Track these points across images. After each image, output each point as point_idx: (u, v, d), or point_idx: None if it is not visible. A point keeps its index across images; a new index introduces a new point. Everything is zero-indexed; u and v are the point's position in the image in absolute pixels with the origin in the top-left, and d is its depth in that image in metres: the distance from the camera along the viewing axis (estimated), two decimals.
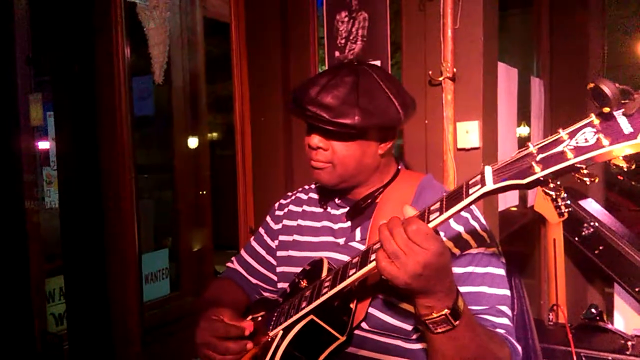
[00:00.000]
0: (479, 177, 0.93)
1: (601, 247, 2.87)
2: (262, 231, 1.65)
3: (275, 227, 1.60)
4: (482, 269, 1.26)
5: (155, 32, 3.09)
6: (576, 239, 2.97)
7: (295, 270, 1.42)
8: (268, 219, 1.66)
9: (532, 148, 0.86)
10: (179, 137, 3.93)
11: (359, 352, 1.28)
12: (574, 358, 2.35)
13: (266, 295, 1.62)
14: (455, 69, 2.01)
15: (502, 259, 1.31)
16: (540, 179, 0.84)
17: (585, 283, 3.46)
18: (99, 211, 2.77)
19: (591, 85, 0.77)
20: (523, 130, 3.19)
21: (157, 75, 3.18)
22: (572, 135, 0.82)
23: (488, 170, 0.92)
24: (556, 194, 0.82)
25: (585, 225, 2.92)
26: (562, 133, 0.83)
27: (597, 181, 0.76)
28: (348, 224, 1.43)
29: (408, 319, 1.25)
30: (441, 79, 2.03)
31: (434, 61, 2.06)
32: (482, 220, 1.34)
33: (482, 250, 1.28)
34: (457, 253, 1.26)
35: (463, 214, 1.30)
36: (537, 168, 0.83)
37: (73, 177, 2.82)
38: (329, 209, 1.49)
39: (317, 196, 1.55)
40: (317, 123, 1.29)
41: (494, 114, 2.15)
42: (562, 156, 0.81)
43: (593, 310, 2.57)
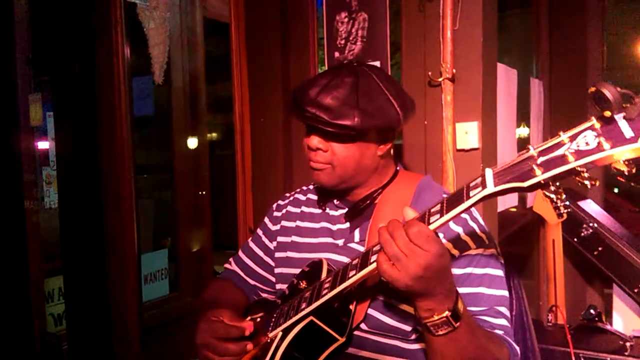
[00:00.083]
0: (479, 179, 0.93)
1: (600, 248, 2.88)
2: (260, 232, 1.65)
3: (274, 228, 1.60)
4: (481, 270, 1.26)
5: (155, 33, 3.09)
6: (575, 239, 2.97)
7: (293, 271, 1.42)
8: (266, 220, 1.65)
9: (533, 151, 0.86)
10: (179, 137, 3.92)
11: (358, 352, 1.28)
12: (573, 359, 2.36)
13: (264, 296, 1.62)
14: (454, 70, 2.01)
15: (500, 260, 1.31)
16: (541, 182, 0.84)
17: (584, 284, 3.46)
18: (98, 211, 2.77)
19: (592, 89, 0.77)
20: (522, 131, 3.19)
21: (157, 75, 3.18)
22: (573, 138, 0.82)
23: (489, 173, 0.92)
24: (557, 197, 0.82)
25: (584, 226, 2.92)
26: (563, 136, 0.83)
27: (598, 183, 0.76)
28: (347, 225, 1.42)
29: (407, 319, 1.25)
30: (440, 79, 2.02)
31: (433, 62, 2.06)
32: (481, 221, 1.34)
33: (480, 251, 1.28)
34: (456, 254, 1.26)
35: (462, 215, 1.29)
36: (538, 171, 0.83)
37: (73, 177, 2.82)
38: (328, 210, 1.48)
39: (316, 197, 1.54)
40: (317, 124, 1.28)
41: (493, 115, 2.15)
42: (563, 159, 0.81)
43: (592, 311, 2.58)
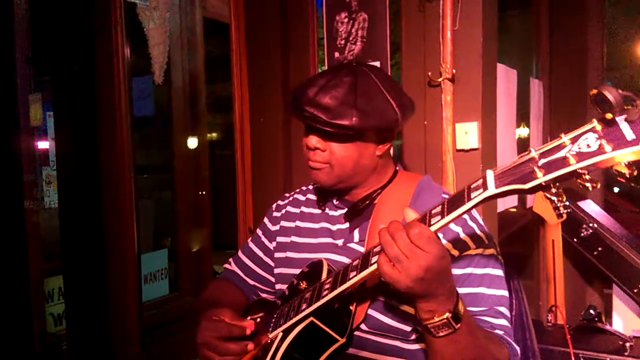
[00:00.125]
0: (480, 181, 0.93)
1: (600, 249, 2.88)
2: (259, 232, 1.64)
3: (273, 228, 1.59)
4: (481, 270, 1.26)
5: (155, 33, 3.09)
6: (575, 240, 2.97)
7: (293, 271, 1.42)
8: (265, 220, 1.65)
9: (534, 153, 0.86)
10: (179, 137, 3.92)
11: (358, 353, 1.28)
12: (573, 359, 2.36)
13: (264, 296, 1.61)
14: (454, 70, 2.01)
15: (500, 260, 1.31)
16: (543, 184, 0.84)
17: (584, 284, 3.46)
18: (98, 211, 2.77)
19: (594, 91, 0.76)
20: (522, 132, 3.19)
21: (157, 75, 3.18)
22: (574, 140, 0.82)
23: (490, 175, 0.91)
24: (558, 199, 0.82)
25: (584, 226, 2.93)
26: (565, 138, 0.83)
27: (599, 186, 0.76)
28: (346, 225, 1.42)
29: (407, 320, 1.25)
30: (440, 80, 2.02)
31: (433, 62, 2.06)
32: (481, 222, 1.34)
33: (480, 251, 1.28)
34: (456, 254, 1.26)
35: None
36: (539, 173, 0.83)
37: (72, 177, 2.82)
38: (327, 210, 1.48)
39: (315, 197, 1.54)
40: (315, 124, 1.28)
41: (493, 115, 2.15)
42: (564, 161, 0.81)
43: (592, 311, 2.58)
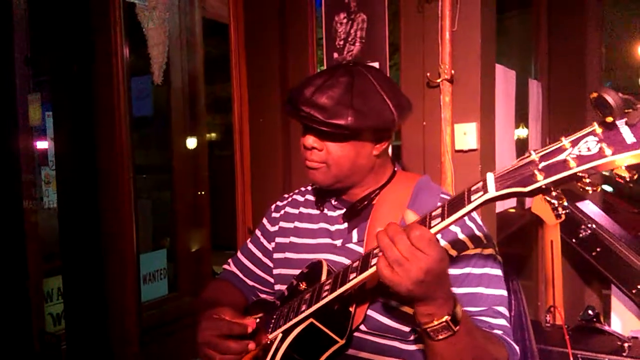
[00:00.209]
0: (481, 183, 0.93)
1: (598, 249, 2.88)
2: (258, 233, 1.65)
3: (272, 229, 1.60)
4: (479, 270, 1.26)
5: (154, 33, 3.09)
6: (574, 240, 2.98)
7: (292, 272, 1.42)
8: (264, 220, 1.65)
9: (535, 156, 0.86)
10: (178, 137, 3.92)
11: (357, 354, 1.28)
12: (571, 359, 2.36)
13: (263, 297, 1.61)
14: (453, 71, 2.01)
15: (499, 260, 1.32)
16: (543, 187, 0.84)
17: (582, 285, 3.46)
18: (97, 211, 2.77)
19: (594, 94, 0.76)
20: (521, 132, 3.20)
21: (156, 75, 3.18)
22: (574, 143, 0.82)
23: (490, 177, 0.91)
24: (558, 202, 0.82)
25: (582, 227, 2.93)
26: (565, 141, 0.83)
27: (599, 189, 0.76)
28: (345, 225, 1.42)
29: (406, 320, 1.25)
30: (439, 80, 2.02)
31: (432, 63, 2.06)
32: (479, 222, 1.34)
33: (479, 251, 1.28)
34: (454, 254, 1.26)
35: None
36: (539, 176, 0.83)
37: (71, 177, 2.82)
38: (326, 211, 1.48)
39: (314, 198, 1.54)
40: (311, 124, 1.29)
41: (491, 116, 2.15)
42: (564, 165, 0.81)
43: (590, 311, 2.58)
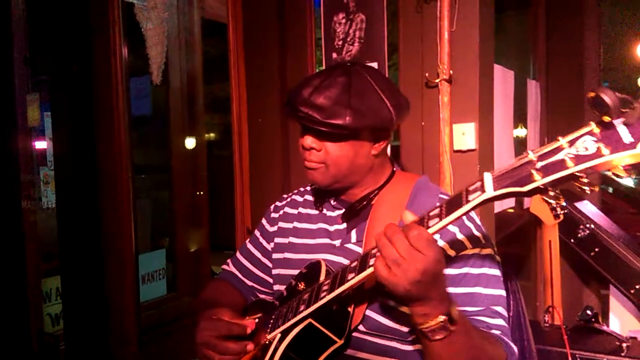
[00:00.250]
0: (479, 183, 0.93)
1: (597, 249, 2.89)
2: (257, 233, 1.64)
3: (271, 229, 1.60)
4: (477, 270, 1.26)
5: (153, 33, 3.09)
6: (572, 240, 2.98)
7: (291, 272, 1.42)
8: (263, 221, 1.65)
9: (532, 155, 0.85)
10: (177, 137, 3.92)
11: (356, 354, 1.28)
12: (569, 359, 2.36)
13: (262, 297, 1.61)
14: (451, 71, 2.01)
15: (497, 260, 1.31)
16: (541, 187, 0.84)
17: (580, 285, 3.46)
18: (96, 211, 2.77)
19: (591, 94, 0.76)
20: (520, 133, 3.20)
21: (154, 75, 3.18)
22: (572, 143, 0.82)
23: (488, 177, 0.91)
24: (556, 202, 0.82)
25: (581, 227, 2.93)
26: (562, 141, 0.83)
27: (598, 189, 0.77)
28: (344, 225, 1.42)
29: (405, 321, 1.24)
30: (438, 80, 2.03)
31: (430, 63, 2.07)
32: (478, 222, 1.34)
33: (477, 251, 1.28)
34: (453, 254, 1.26)
35: None
36: (537, 176, 0.83)
37: (70, 177, 2.82)
38: (325, 211, 1.48)
39: (313, 198, 1.54)
40: (309, 124, 1.29)
41: (490, 116, 2.15)
42: (562, 164, 0.81)
43: (588, 312, 2.58)
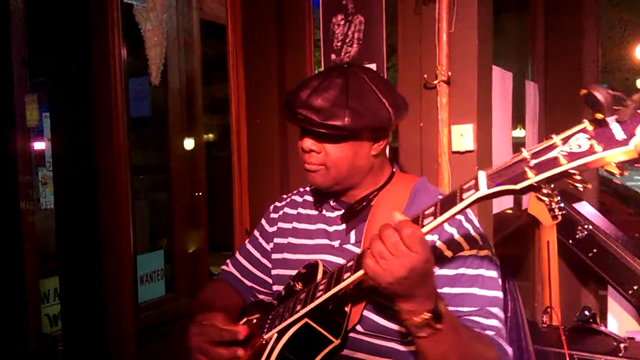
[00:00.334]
0: (473, 182, 0.93)
1: (595, 250, 2.89)
2: (257, 234, 1.64)
3: (270, 229, 1.59)
4: (474, 270, 1.26)
5: (152, 34, 3.09)
6: (570, 241, 2.98)
7: (290, 272, 1.41)
8: (263, 221, 1.65)
9: (526, 153, 0.86)
10: (175, 138, 3.93)
11: (353, 354, 1.28)
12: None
13: (261, 297, 1.61)
14: (450, 73, 2.01)
15: (494, 262, 1.31)
16: (534, 185, 0.84)
17: (579, 285, 3.46)
18: (94, 212, 2.77)
19: (584, 91, 0.77)
20: (518, 134, 3.20)
21: (153, 76, 3.18)
22: (565, 140, 0.82)
23: (482, 175, 0.92)
24: (549, 199, 0.82)
25: (579, 228, 2.93)
26: (556, 139, 0.83)
27: (591, 186, 0.77)
28: (343, 226, 1.42)
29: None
30: (436, 82, 2.03)
31: (429, 64, 2.07)
32: (476, 223, 1.34)
33: (474, 252, 1.28)
34: (449, 255, 1.26)
35: (457, 216, 1.30)
36: (530, 174, 0.83)
37: (68, 177, 2.82)
38: (324, 212, 1.48)
39: (312, 199, 1.54)
40: (308, 126, 1.29)
41: (488, 117, 2.15)
42: (555, 162, 0.82)
43: (586, 312, 2.58)
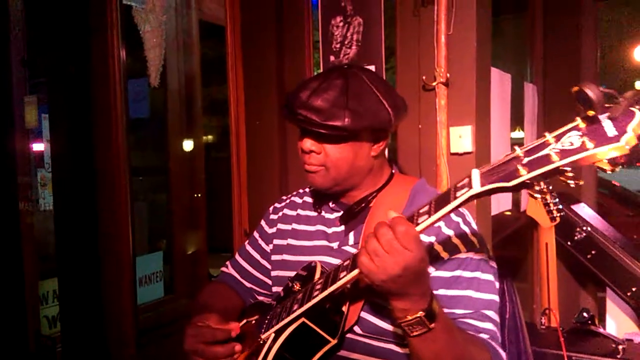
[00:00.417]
0: (466, 180, 0.94)
1: (593, 252, 2.88)
2: (256, 235, 1.65)
3: (270, 231, 1.60)
4: (470, 273, 1.26)
5: (151, 35, 3.10)
6: (569, 243, 2.97)
7: (289, 274, 1.42)
8: (262, 222, 1.65)
9: (519, 151, 0.87)
10: (174, 139, 3.93)
11: (350, 355, 1.28)
12: None
13: (261, 299, 1.61)
14: (448, 74, 2.01)
15: (491, 265, 1.31)
16: (526, 182, 0.84)
17: (577, 287, 3.46)
18: (93, 213, 2.77)
19: (575, 89, 0.78)
20: (517, 135, 3.20)
21: (152, 77, 3.19)
22: (558, 138, 0.83)
23: (475, 173, 0.92)
24: (542, 196, 0.82)
25: (577, 229, 2.93)
26: (549, 136, 0.84)
27: (589, 185, 0.77)
28: (342, 228, 1.42)
29: None
30: (435, 84, 2.03)
31: (427, 66, 2.07)
32: (474, 225, 1.34)
33: (471, 254, 1.27)
34: (446, 257, 1.26)
35: (454, 218, 1.30)
36: (522, 171, 0.84)
37: (68, 179, 2.82)
38: (323, 213, 1.48)
39: (312, 200, 1.54)
40: (308, 127, 1.30)
41: (487, 119, 2.15)
42: (547, 159, 0.82)
43: (585, 314, 2.58)
